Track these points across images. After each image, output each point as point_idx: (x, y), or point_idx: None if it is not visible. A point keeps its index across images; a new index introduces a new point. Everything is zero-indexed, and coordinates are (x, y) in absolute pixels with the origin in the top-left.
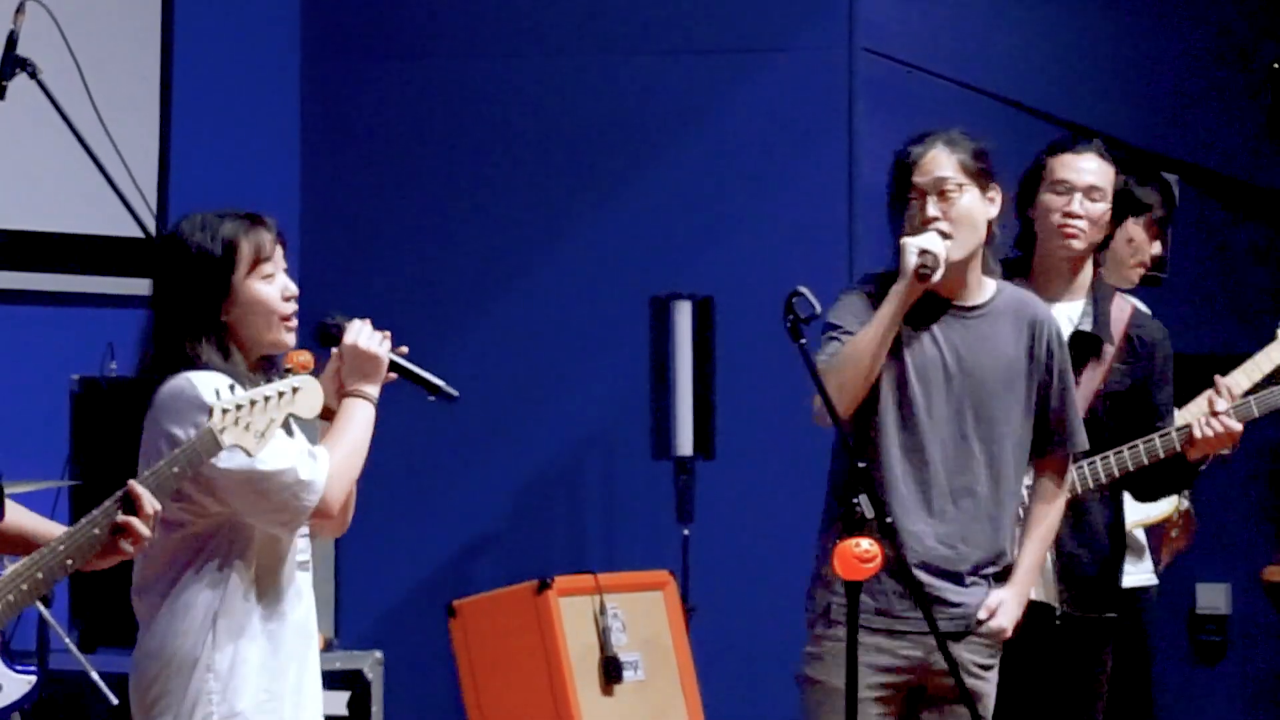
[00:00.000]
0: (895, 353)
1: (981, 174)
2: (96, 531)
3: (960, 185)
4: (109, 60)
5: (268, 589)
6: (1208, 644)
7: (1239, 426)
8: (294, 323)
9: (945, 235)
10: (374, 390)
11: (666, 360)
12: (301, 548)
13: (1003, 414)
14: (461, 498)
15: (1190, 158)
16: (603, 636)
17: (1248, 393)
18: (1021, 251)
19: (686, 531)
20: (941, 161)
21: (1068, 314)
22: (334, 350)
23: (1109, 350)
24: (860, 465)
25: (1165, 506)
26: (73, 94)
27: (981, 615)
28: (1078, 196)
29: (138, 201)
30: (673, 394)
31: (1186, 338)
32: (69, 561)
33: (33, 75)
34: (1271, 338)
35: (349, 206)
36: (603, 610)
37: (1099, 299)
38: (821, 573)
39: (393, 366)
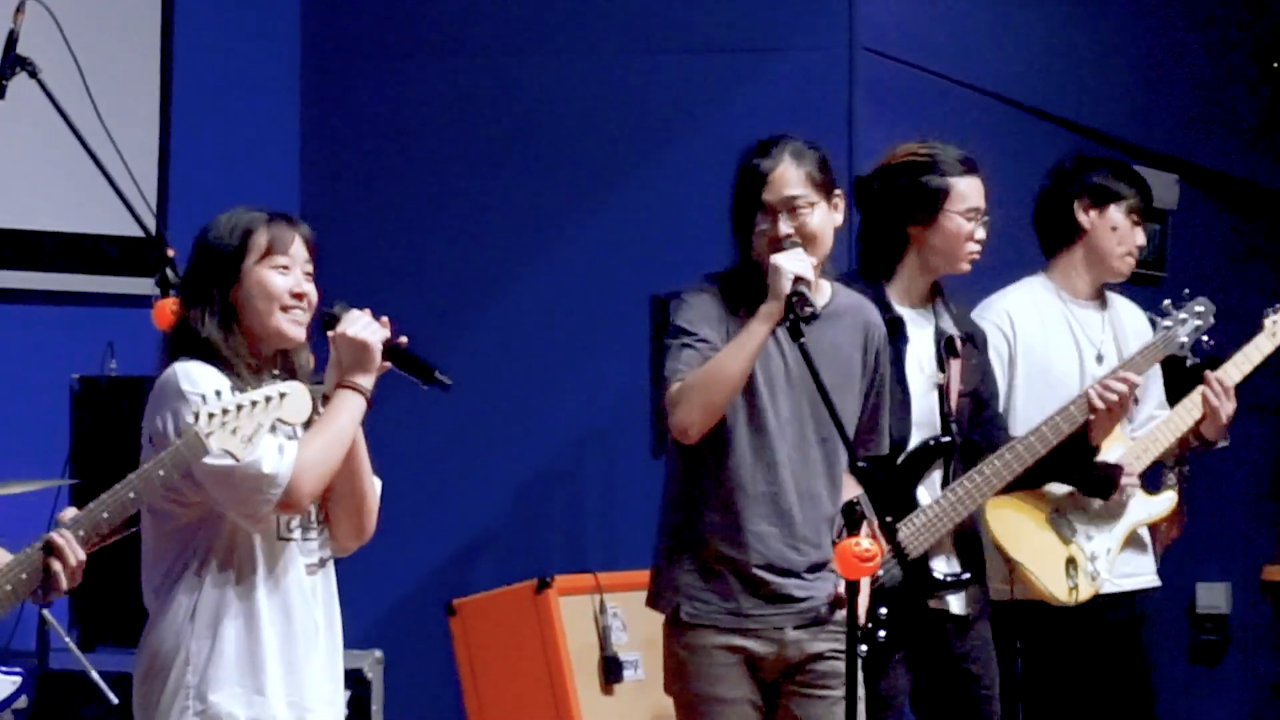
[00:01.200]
0: None
1: (827, 184)
2: (24, 576)
3: (811, 203)
4: (109, 60)
5: (251, 586)
6: (1208, 644)
7: (1136, 378)
8: (299, 316)
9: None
10: (366, 381)
11: None
12: (310, 549)
13: (845, 415)
14: (461, 497)
15: (1190, 157)
16: (603, 636)
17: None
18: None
19: None
20: (790, 178)
21: (923, 319)
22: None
23: (965, 350)
24: (860, 465)
25: (1165, 504)
26: (73, 93)
27: (833, 593)
28: (983, 222)
29: (138, 201)
30: None
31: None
32: (8, 588)
33: (33, 75)
34: (1259, 329)
35: (349, 206)
36: (603, 609)
37: (946, 301)
38: (673, 578)
39: (387, 354)
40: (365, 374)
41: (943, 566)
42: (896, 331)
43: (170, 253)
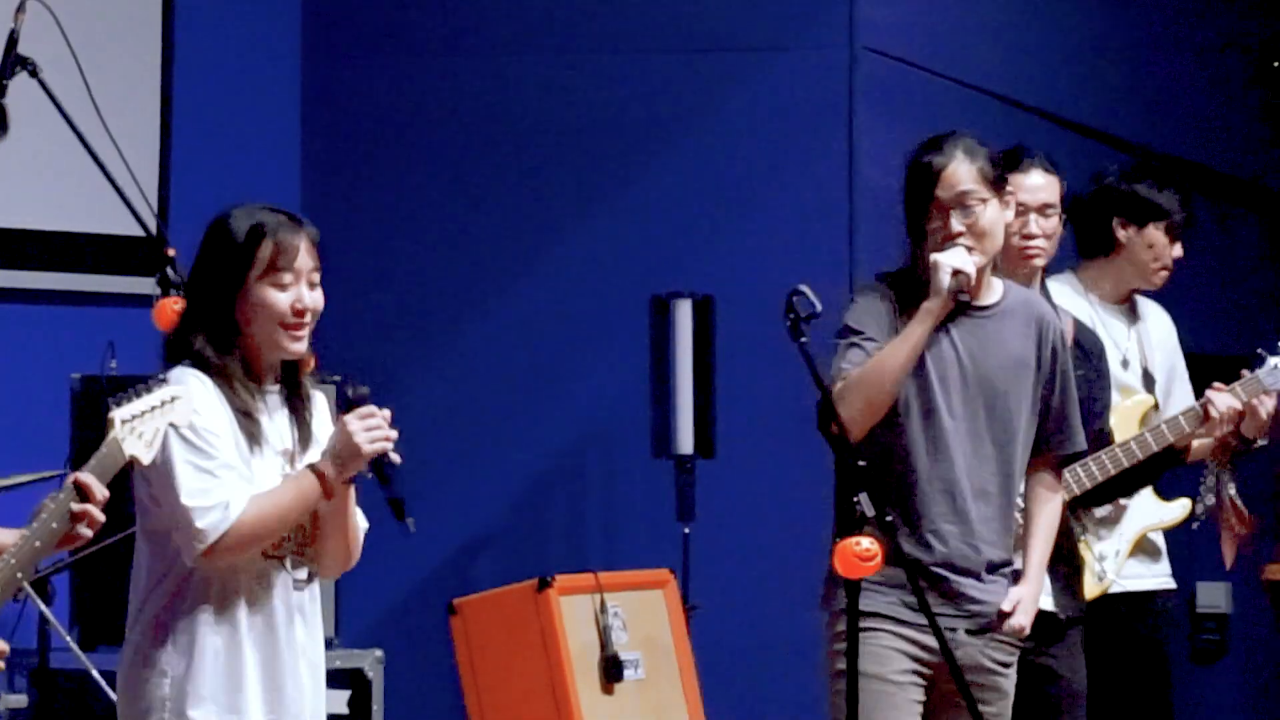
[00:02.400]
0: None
1: (998, 181)
2: (55, 525)
3: (983, 200)
4: (109, 59)
5: (233, 600)
6: (1208, 644)
7: (1238, 404)
8: (302, 332)
9: (969, 249)
10: (335, 473)
11: (666, 359)
12: (299, 562)
13: (1013, 413)
14: (462, 496)
15: (1191, 156)
16: (603, 635)
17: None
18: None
19: (687, 530)
20: (962, 175)
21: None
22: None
23: None
24: (860, 464)
25: (1179, 510)
26: (73, 92)
27: (1006, 607)
28: (1033, 216)
29: (138, 200)
30: (673, 393)
31: (1186, 338)
32: (37, 544)
33: (33, 74)
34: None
35: (349, 206)
36: (603, 609)
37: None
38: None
39: (373, 467)
40: (340, 469)
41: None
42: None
43: (170, 252)
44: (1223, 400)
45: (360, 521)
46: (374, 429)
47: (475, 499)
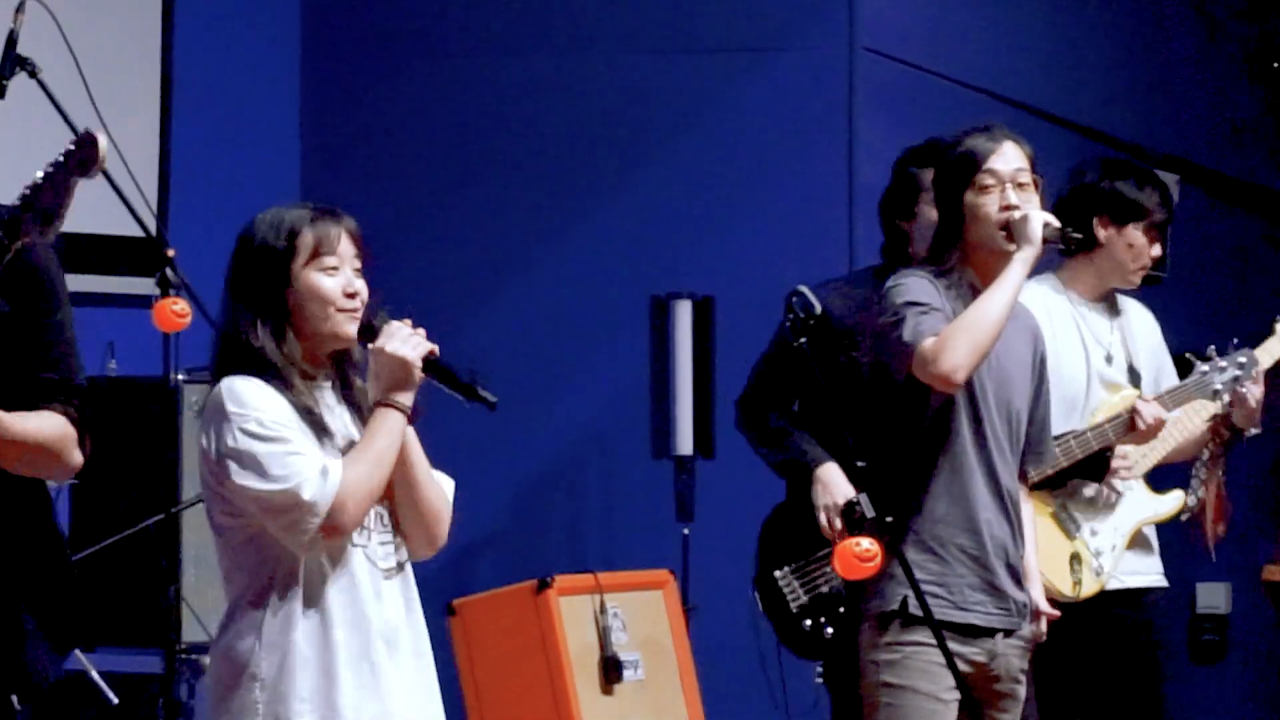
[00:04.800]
0: None
1: (1036, 177)
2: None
3: (1035, 181)
4: (109, 60)
5: (320, 596)
6: (1208, 644)
7: (1165, 414)
8: (357, 314)
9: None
10: (406, 398)
11: (666, 360)
12: (382, 555)
13: (1021, 414)
14: (461, 496)
15: (1190, 156)
16: (603, 636)
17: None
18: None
19: (686, 531)
20: (1016, 154)
21: None
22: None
23: None
24: (860, 465)
25: (1172, 503)
26: (73, 93)
27: (1044, 608)
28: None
29: (138, 201)
30: (673, 394)
31: (1187, 337)
32: None
33: (33, 74)
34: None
35: (349, 206)
36: (603, 610)
37: None
38: (892, 572)
39: (427, 368)
40: (404, 391)
41: None
42: None
43: (170, 252)
44: (1149, 410)
45: (444, 483)
46: (408, 338)
47: (475, 499)
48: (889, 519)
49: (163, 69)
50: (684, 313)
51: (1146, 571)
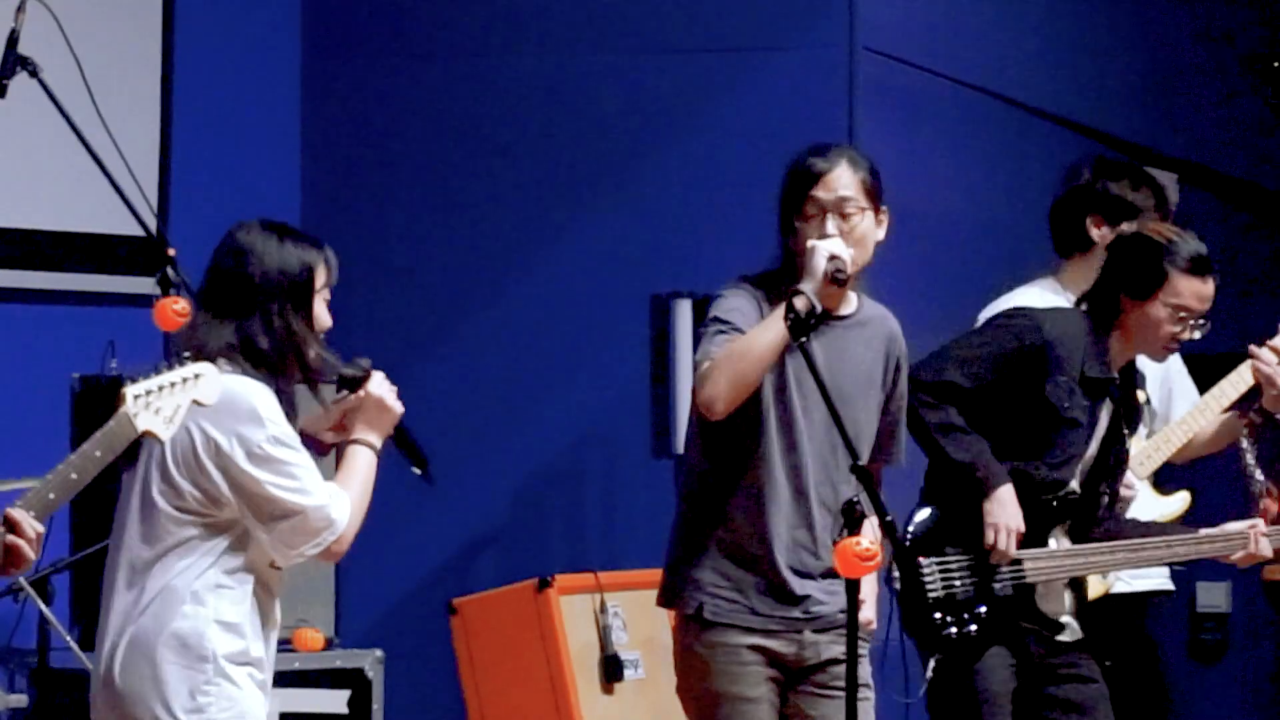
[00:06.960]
0: (778, 360)
1: (876, 195)
2: None
3: (861, 208)
4: (110, 59)
5: (256, 577)
6: (1208, 643)
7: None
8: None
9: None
10: (379, 441)
11: (666, 359)
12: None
13: (860, 424)
14: (462, 496)
15: (1190, 157)
16: (603, 635)
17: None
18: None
19: None
20: (845, 180)
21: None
22: (347, 392)
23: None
24: (858, 464)
25: (1178, 504)
26: (73, 92)
27: (868, 613)
28: (1193, 325)
29: (138, 200)
30: (673, 393)
31: None
32: None
33: (33, 74)
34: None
35: (349, 206)
36: (603, 609)
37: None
38: (693, 576)
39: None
40: (380, 435)
41: (1049, 606)
42: (1107, 389)
43: (171, 252)
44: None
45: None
46: (391, 390)
47: (475, 499)
48: (889, 518)
49: (163, 69)
50: (684, 312)
51: (1152, 575)
